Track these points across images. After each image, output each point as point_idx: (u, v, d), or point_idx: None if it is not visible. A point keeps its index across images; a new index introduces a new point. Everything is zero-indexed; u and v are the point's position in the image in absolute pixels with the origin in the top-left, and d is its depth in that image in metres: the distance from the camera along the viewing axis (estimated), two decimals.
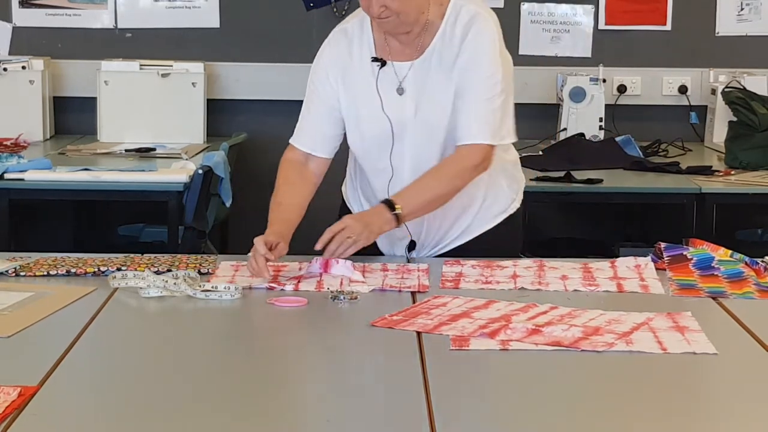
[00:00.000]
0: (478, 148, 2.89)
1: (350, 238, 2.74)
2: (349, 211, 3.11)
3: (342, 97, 2.97)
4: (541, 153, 4.92)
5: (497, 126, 2.89)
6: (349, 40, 2.97)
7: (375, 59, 2.93)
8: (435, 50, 2.90)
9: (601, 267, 2.90)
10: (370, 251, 2.89)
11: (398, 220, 2.82)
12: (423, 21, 2.88)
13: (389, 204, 2.82)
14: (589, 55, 5.45)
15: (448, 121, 2.91)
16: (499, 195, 3.08)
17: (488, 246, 3.04)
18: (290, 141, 3.04)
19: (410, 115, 2.93)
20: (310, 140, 3.02)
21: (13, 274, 2.78)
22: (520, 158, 4.66)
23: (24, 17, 5.40)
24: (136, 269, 2.76)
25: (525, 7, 5.44)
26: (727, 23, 5.45)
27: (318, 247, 2.76)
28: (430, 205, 2.90)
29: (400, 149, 2.96)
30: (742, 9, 5.44)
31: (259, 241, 2.75)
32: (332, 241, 2.76)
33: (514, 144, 3.11)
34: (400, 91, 2.93)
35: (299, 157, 3.02)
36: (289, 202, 2.94)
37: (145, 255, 2.95)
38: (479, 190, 3.02)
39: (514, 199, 3.12)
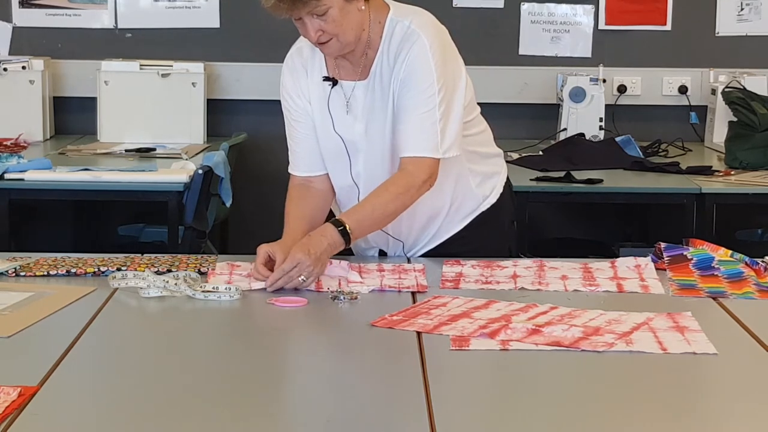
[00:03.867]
0: (422, 162, 2.85)
1: (301, 276, 2.66)
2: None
3: (310, 112, 2.97)
4: (541, 153, 4.92)
5: (437, 139, 2.85)
6: (304, 59, 2.96)
7: (326, 78, 2.93)
8: (377, 70, 2.88)
9: (601, 267, 2.90)
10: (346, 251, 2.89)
11: (347, 237, 2.76)
12: (365, 39, 2.86)
13: (336, 223, 2.77)
14: (589, 55, 5.45)
15: (395, 140, 2.90)
16: (467, 197, 3.06)
17: (460, 247, 3.04)
18: (289, 170, 3.05)
19: (360, 135, 2.93)
20: (304, 164, 3.02)
21: (13, 274, 2.78)
22: (521, 158, 4.75)
23: (24, 17, 5.41)
24: (136, 269, 2.76)
25: (525, 7, 5.44)
26: (727, 23, 5.45)
27: (269, 288, 2.68)
28: (378, 223, 2.87)
29: (357, 167, 2.96)
30: (742, 9, 5.44)
31: (259, 254, 2.74)
32: (281, 279, 2.67)
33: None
34: (348, 110, 2.93)
35: (301, 182, 3.02)
36: (294, 215, 2.93)
37: (145, 255, 2.95)
38: (446, 198, 3.02)
39: (486, 197, 3.10)
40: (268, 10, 2.75)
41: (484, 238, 3.08)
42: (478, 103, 3.09)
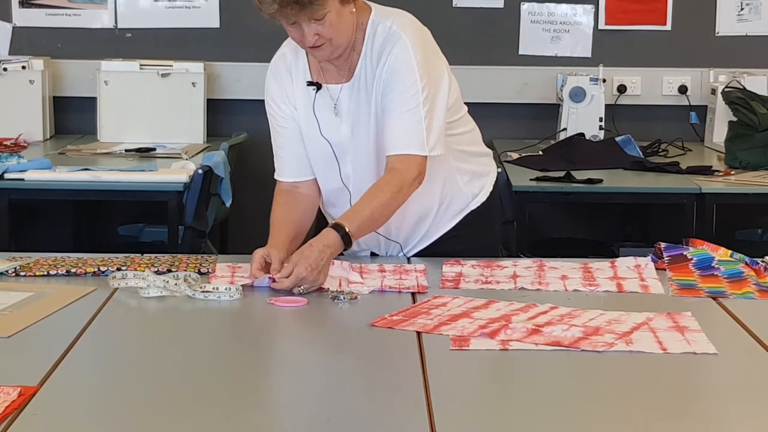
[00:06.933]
0: (410, 160, 2.85)
1: (300, 288, 2.65)
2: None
3: (296, 117, 2.98)
4: (541, 153, 4.92)
5: (423, 136, 2.85)
6: (288, 65, 2.97)
7: (310, 83, 2.93)
8: (361, 72, 2.89)
9: (601, 267, 2.90)
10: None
11: (347, 240, 2.75)
12: (351, 42, 2.87)
13: (337, 227, 2.76)
14: (589, 55, 5.45)
15: (381, 141, 2.90)
16: (456, 196, 3.07)
17: (451, 247, 3.04)
18: (275, 177, 3.05)
19: (347, 137, 2.93)
20: (290, 169, 3.02)
21: (13, 274, 2.78)
22: (521, 158, 4.75)
23: (24, 17, 5.41)
24: (136, 269, 2.76)
25: (525, 7, 5.44)
26: (727, 23, 5.45)
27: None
28: (375, 225, 2.87)
29: (346, 170, 2.97)
30: (742, 9, 5.44)
31: (255, 259, 2.75)
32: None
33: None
34: (336, 113, 2.93)
35: (287, 187, 3.02)
36: (281, 217, 2.94)
37: (145, 255, 2.95)
38: (435, 197, 3.03)
39: (476, 195, 3.11)
40: (270, 15, 2.74)
41: (476, 237, 3.09)
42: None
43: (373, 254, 3.07)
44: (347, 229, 2.75)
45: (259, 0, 2.73)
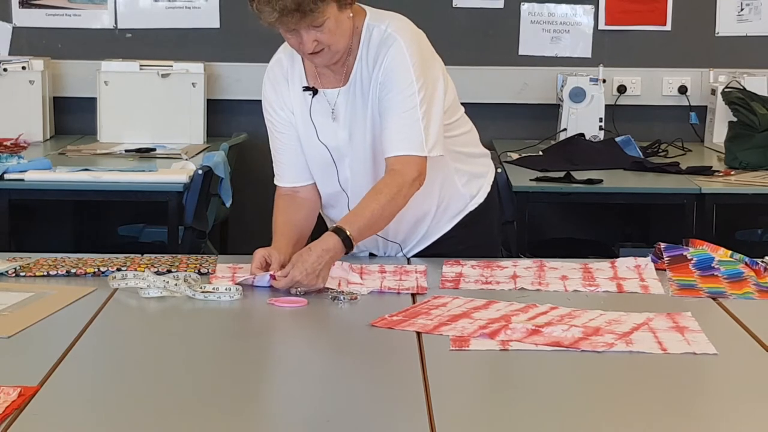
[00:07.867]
0: (409, 161, 2.85)
1: (297, 289, 2.65)
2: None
3: (294, 123, 2.98)
4: (541, 153, 4.92)
5: (422, 137, 2.85)
6: (284, 70, 2.97)
7: (306, 88, 2.93)
8: (357, 76, 2.89)
9: (601, 267, 2.90)
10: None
11: (349, 243, 2.74)
12: (348, 47, 2.88)
13: (338, 231, 2.75)
14: (589, 55, 5.45)
15: (379, 144, 2.90)
16: (454, 197, 3.07)
17: (450, 248, 3.05)
18: (274, 182, 3.05)
19: (345, 141, 2.93)
20: (290, 175, 3.02)
21: (13, 274, 2.78)
22: (521, 158, 4.76)
23: (24, 17, 5.41)
24: (136, 269, 2.76)
25: (525, 7, 5.44)
26: (727, 23, 5.45)
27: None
28: (376, 227, 2.86)
29: (345, 174, 2.97)
30: (742, 9, 5.44)
31: (255, 258, 2.75)
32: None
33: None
34: (334, 118, 2.92)
35: (287, 192, 3.02)
36: (283, 221, 2.94)
37: (145, 255, 2.95)
38: (433, 199, 3.03)
39: (474, 196, 3.11)
40: (270, 24, 2.73)
41: (474, 237, 3.10)
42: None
43: (371, 255, 3.07)
44: (348, 233, 2.75)
45: (258, 9, 2.73)
